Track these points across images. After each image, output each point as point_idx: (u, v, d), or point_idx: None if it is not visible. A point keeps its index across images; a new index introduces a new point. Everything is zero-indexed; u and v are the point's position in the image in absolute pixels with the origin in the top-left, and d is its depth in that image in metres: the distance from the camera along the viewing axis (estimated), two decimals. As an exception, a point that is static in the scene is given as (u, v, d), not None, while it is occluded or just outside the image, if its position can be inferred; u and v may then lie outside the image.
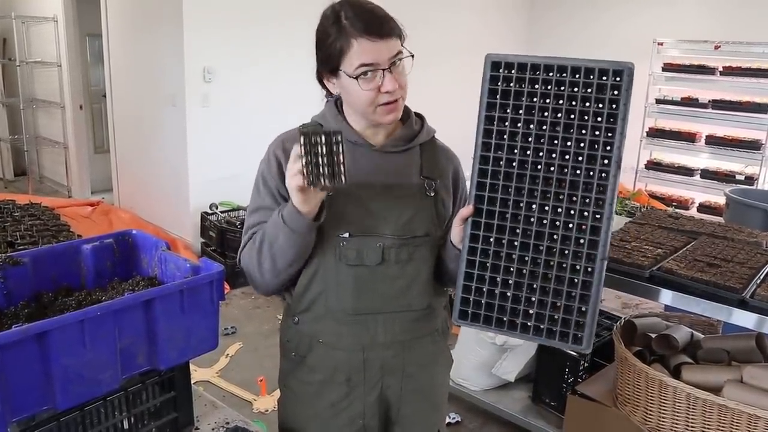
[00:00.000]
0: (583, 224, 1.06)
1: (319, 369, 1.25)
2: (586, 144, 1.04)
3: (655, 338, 1.95)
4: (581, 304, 1.07)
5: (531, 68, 1.06)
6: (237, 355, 3.30)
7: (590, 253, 1.06)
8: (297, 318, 1.26)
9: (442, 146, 1.34)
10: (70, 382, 0.92)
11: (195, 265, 1.12)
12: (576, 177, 1.06)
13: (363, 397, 1.25)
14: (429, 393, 1.34)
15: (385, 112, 1.17)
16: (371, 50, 1.11)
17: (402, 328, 1.24)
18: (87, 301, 1.10)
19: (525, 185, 1.08)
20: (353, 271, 1.19)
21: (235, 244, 4.19)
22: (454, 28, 5.96)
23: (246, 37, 4.51)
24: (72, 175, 6.09)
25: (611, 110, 1.02)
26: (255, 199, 1.26)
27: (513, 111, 1.07)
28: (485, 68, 1.08)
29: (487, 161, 1.09)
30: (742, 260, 1.84)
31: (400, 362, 1.26)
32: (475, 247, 1.11)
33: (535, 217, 1.08)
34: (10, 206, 4.34)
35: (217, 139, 4.53)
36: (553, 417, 2.45)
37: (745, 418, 1.59)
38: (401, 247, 1.20)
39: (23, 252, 1.14)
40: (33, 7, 6.07)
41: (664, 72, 5.81)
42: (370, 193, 1.20)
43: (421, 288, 1.24)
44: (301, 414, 1.30)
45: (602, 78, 1.02)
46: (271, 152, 1.24)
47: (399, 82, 1.14)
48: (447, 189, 1.30)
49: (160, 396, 1.10)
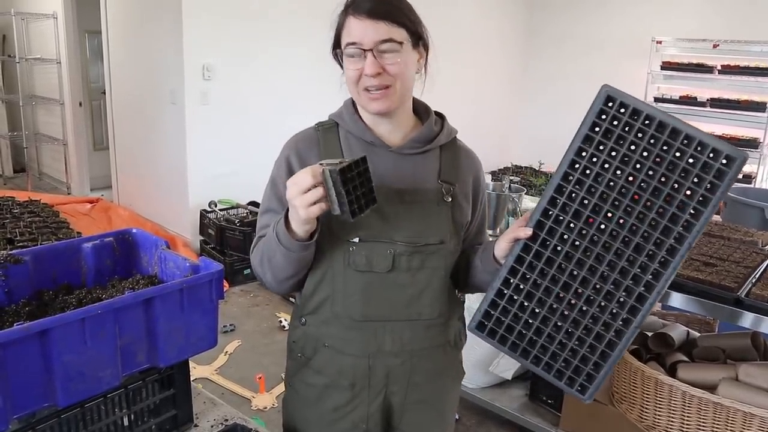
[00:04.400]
0: (633, 288, 1.03)
1: (324, 372, 1.23)
2: (668, 216, 0.99)
3: (651, 336, 1.97)
4: (600, 359, 1.06)
5: (644, 117, 0.98)
6: (236, 352, 3.31)
7: (628, 318, 1.04)
8: (304, 319, 1.23)
9: (465, 148, 1.29)
10: (70, 379, 0.93)
11: (194, 264, 1.13)
12: (644, 242, 1.01)
13: (367, 404, 1.23)
14: (435, 404, 1.30)
15: (368, 100, 1.12)
16: (356, 28, 1.08)
17: (411, 337, 1.20)
18: (87, 299, 1.11)
19: (591, 230, 1.03)
20: (362, 277, 1.15)
21: (234, 242, 4.21)
22: (454, 24, 5.97)
23: (245, 35, 4.51)
24: (71, 172, 6.09)
25: (706, 192, 0.96)
26: (266, 199, 1.23)
27: (607, 154, 1.00)
28: (597, 99, 1.00)
29: (561, 192, 1.04)
30: (738, 259, 1.86)
31: (407, 371, 1.23)
32: (517, 269, 1.08)
33: (588, 264, 1.04)
34: (9, 203, 4.36)
35: (217, 137, 4.53)
36: (550, 415, 2.46)
37: (740, 415, 1.60)
38: (413, 254, 1.16)
39: (24, 250, 1.14)
40: (32, 4, 6.07)
41: (663, 70, 5.82)
42: (384, 198, 1.13)
43: (432, 297, 1.20)
44: (304, 415, 1.29)
45: (711, 157, 0.95)
46: (284, 156, 1.21)
47: (387, 69, 1.09)
48: (466, 195, 1.25)
49: (159, 393, 1.11)
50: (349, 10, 1.10)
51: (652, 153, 0.98)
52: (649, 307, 1.03)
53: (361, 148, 1.18)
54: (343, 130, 1.22)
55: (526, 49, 7.10)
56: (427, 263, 1.18)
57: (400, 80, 1.12)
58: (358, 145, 1.20)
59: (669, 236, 0.99)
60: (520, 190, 2.34)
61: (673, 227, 0.99)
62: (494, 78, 6.86)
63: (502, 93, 7.03)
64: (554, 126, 6.61)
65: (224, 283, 4.16)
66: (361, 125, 1.20)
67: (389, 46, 1.09)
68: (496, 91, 6.94)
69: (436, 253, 1.18)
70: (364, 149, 1.17)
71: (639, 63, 5.90)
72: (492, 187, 2.36)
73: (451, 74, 5.89)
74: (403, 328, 1.20)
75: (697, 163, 0.96)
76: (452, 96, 5.94)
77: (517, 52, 7.04)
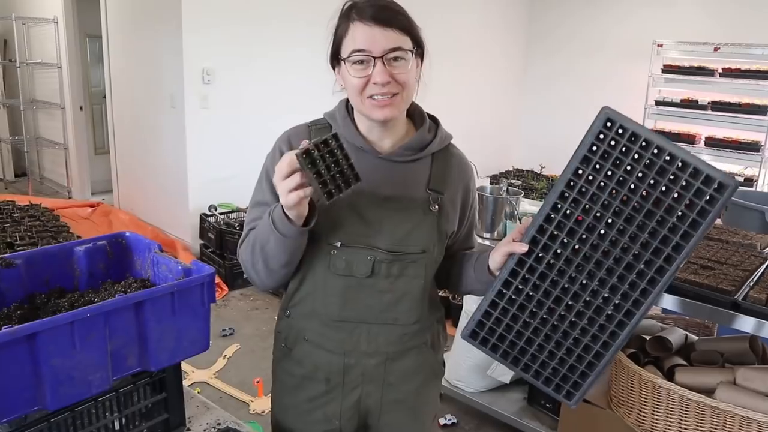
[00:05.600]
0: (622, 304, 1.07)
1: (303, 364, 1.26)
2: (659, 238, 1.03)
3: (649, 340, 1.96)
4: (587, 368, 1.11)
5: (643, 141, 1.00)
6: (234, 356, 3.30)
7: (615, 331, 1.08)
8: (289, 311, 1.27)
9: (458, 155, 1.28)
10: (60, 383, 0.92)
11: (187, 268, 1.13)
12: (635, 261, 1.05)
13: (341, 399, 1.25)
14: (411, 404, 1.31)
15: (373, 107, 1.11)
16: (365, 35, 1.06)
17: (387, 341, 1.22)
18: (80, 302, 1.11)
19: (584, 248, 1.07)
20: (341, 280, 1.17)
21: (234, 246, 4.20)
22: (453, 27, 5.97)
23: (245, 39, 4.52)
24: (72, 176, 6.11)
25: (697, 217, 1.00)
26: (257, 192, 1.24)
27: (604, 176, 1.03)
28: (597, 120, 1.01)
29: (557, 210, 1.07)
30: (736, 263, 1.85)
31: (382, 372, 1.24)
32: (511, 282, 1.11)
33: (580, 280, 1.08)
34: (10, 207, 4.38)
35: (216, 141, 4.54)
36: (548, 419, 2.46)
37: (738, 420, 1.59)
38: (393, 262, 1.16)
39: (16, 253, 1.14)
40: (33, 9, 6.09)
41: (664, 74, 5.81)
42: (368, 204, 1.15)
43: (410, 304, 1.20)
44: (284, 402, 1.32)
45: (705, 184, 0.98)
46: (276, 148, 1.22)
47: (395, 77, 1.08)
48: (454, 203, 1.24)
49: (151, 397, 1.11)
50: (353, 15, 1.08)
51: (648, 176, 1.01)
52: (636, 322, 1.07)
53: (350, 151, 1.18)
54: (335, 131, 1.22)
55: (527, 51, 7.10)
56: (406, 271, 1.18)
57: (407, 89, 1.12)
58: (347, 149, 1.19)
59: (659, 257, 1.03)
60: (517, 194, 2.33)
61: (664, 249, 1.03)
62: (496, 82, 6.86)
63: (504, 96, 7.03)
64: (555, 130, 6.62)
65: (223, 286, 4.16)
66: (352, 129, 1.19)
67: (398, 54, 1.08)
68: (497, 95, 6.94)
69: (417, 261, 1.18)
70: (353, 153, 1.17)
71: (640, 66, 5.90)
72: (489, 190, 2.35)
73: (452, 78, 5.90)
74: (379, 331, 1.21)
75: (690, 188, 0.99)
76: (454, 99, 5.96)
77: (518, 54, 7.04)
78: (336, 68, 1.16)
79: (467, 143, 1.31)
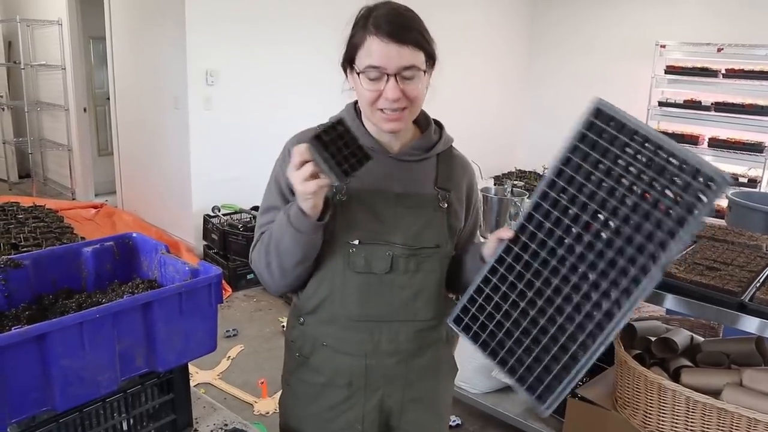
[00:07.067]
0: (602, 303, 1.00)
1: (322, 371, 1.25)
2: (644, 234, 0.97)
3: (655, 341, 1.95)
4: (562, 371, 1.03)
5: (630, 132, 0.98)
6: (238, 357, 3.30)
7: (594, 331, 1.00)
8: (303, 319, 1.26)
9: (460, 157, 1.32)
10: (69, 383, 0.93)
11: (194, 268, 1.13)
12: (619, 257, 0.99)
13: (363, 403, 1.25)
14: (431, 402, 1.33)
15: (383, 120, 1.14)
16: (380, 51, 1.07)
17: (406, 338, 1.23)
18: (87, 303, 1.11)
19: (569, 239, 1.04)
20: (361, 278, 1.18)
21: (238, 247, 4.21)
22: (455, 27, 5.97)
23: (248, 41, 4.52)
24: (76, 177, 6.12)
25: (685, 213, 0.93)
26: (267, 197, 1.25)
27: (592, 165, 1.02)
28: (588, 112, 1.02)
29: (546, 199, 1.07)
30: (742, 263, 1.84)
31: (403, 371, 1.25)
32: (497, 269, 1.11)
33: (563, 272, 1.05)
34: (14, 208, 4.38)
35: (220, 142, 4.55)
36: (553, 420, 2.45)
37: (745, 421, 1.58)
38: (410, 257, 1.19)
39: (24, 254, 1.15)
40: (38, 11, 6.11)
41: (667, 74, 5.80)
42: (382, 201, 1.18)
43: (427, 299, 1.23)
44: (300, 413, 1.31)
45: (695, 177, 0.93)
46: (285, 152, 1.23)
47: (407, 93, 1.10)
48: (460, 201, 1.28)
49: (158, 398, 1.11)
50: (370, 28, 1.08)
51: (634, 168, 0.99)
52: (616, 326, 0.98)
53: None
54: None
55: (529, 53, 7.10)
56: (423, 266, 1.21)
57: (416, 103, 1.14)
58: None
59: (643, 254, 0.97)
60: (522, 194, 2.33)
61: (648, 245, 0.97)
62: (499, 83, 6.86)
63: (507, 98, 7.03)
64: (558, 131, 6.57)
65: (227, 288, 4.16)
66: (362, 131, 1.22)
67: (412, 73, 1.10)
68: (500, 96, 6.93)
69: (432, 256, 1.21)
70: None
71: (643, 67, 5.89)
72: (494, 191, 2.35)
73: (456, 79, 5.90)
74: (399, 329, 1.22)
75: (680, 180, 0.94)
76: (457, 101, 5.95)
77: (521, 56, 7.04)
78: (348, 71, 1.18)
79: (471, 145, 1.32)
